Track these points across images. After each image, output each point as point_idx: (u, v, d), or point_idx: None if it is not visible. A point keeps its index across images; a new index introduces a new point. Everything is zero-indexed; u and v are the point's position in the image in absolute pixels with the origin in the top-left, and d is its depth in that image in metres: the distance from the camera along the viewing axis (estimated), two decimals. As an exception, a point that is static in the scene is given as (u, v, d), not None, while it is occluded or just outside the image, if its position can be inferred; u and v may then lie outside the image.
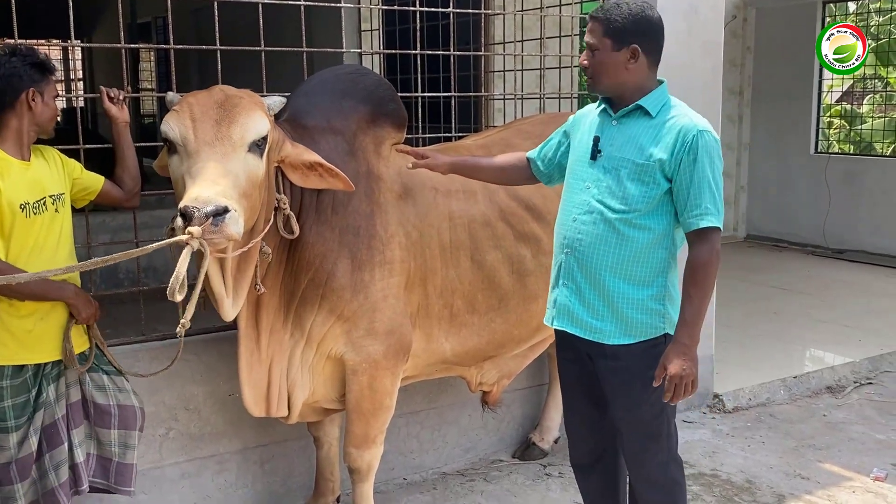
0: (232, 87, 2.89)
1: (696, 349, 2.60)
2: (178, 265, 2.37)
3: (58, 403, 2.90)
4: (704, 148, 2.60)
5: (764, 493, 4.02)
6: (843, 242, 9.29)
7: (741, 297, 7.16)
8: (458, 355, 3.55)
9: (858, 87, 12.93)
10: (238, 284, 2.89)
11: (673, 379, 2.56)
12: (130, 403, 3.04)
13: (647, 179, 2.64)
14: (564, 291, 2.81)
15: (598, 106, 2.84)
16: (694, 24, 4.64)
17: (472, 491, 4.03)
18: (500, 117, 6.75)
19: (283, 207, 2.96)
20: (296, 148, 2.94)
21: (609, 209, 2.67)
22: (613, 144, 2.71)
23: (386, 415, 3.33)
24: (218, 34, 3.55)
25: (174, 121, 2.69)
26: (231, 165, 2.61)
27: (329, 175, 2.96)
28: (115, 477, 3.02)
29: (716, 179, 2.62)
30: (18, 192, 2.75)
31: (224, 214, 2.43)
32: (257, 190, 2.73)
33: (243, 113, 2.70)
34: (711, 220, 2.59)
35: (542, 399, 4.47)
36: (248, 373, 3.09)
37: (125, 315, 3.77)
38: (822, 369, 5.53)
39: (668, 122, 2.66)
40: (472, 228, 3.44)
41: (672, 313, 2.72)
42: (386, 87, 3.36)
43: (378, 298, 3.17)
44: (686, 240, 2.69)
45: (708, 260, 2.61)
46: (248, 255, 2.88)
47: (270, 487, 3.81)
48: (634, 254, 2.67)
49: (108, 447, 3.02)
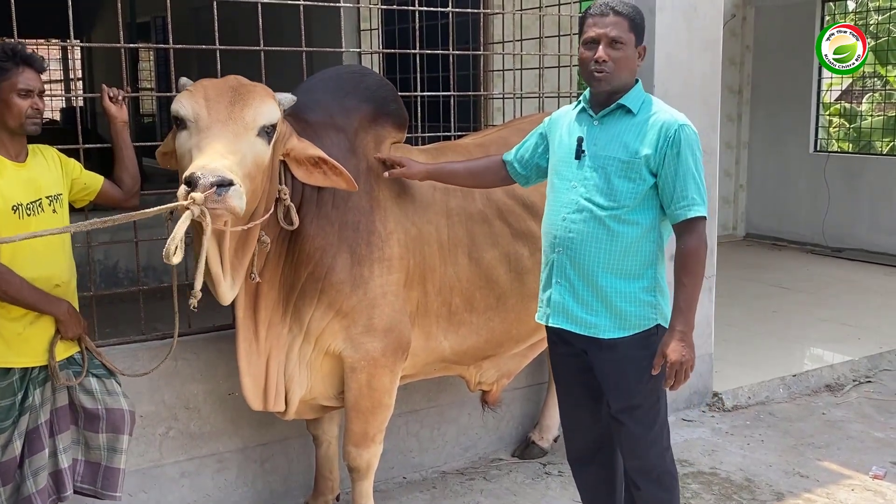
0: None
1: (692, 335, 2.68)
2: (177, 227, 2.41)
3: (42, 408, 2.86)
4: (686, 141, 2.68)
5: (763, 491, 4.02)
6: (843, 241, 9.30)
7: (740, 296, 7.16)
8: (456, 354, 3.55)
9: (857, 85, 12.94)
10: (235, 269, 2.90)
11: (673, 366, 2.64)
12: (119, 406, 2.98)
13: (634, 176, 2.70)
14: (558, 289, 2.85)
15: (576, 107, 2.89)
16: (693, 22, 4.65)
17: (472, 490, 4.03)
18: (500, 116, 6.76)
19: (284, 198, 2.99)
20: (301, 142, 2.98)
21: (598, 206, 2.73)
22: (598, 143, 2.76)
23: (385, 413, 3.33)
24: (217, 34, 3.55)
25: (187, 99, 2.73)
26: (240, 145, 2.66)
27: (333, 173, 2.99)
28: (102, 482, 2.98)
29: (698, 170, 2.71)
30: (12, 193, 2.72)
31: (228, 187, 2.47)
32: (261, 174, 2.77)
33: (257, 98, 2.77)
34: (698, 209, 2.69)
35: (541, 398, 4.48)
36: (248, 364, 3.10)
37: (125, 314, 3.78)
38: (821, 368, 5.53)
39: (650, 119, 2.72)
40: (469, 226, 3.45)
41: (663, 304, 2.80)
42: (388, 88, 3.40)
43: (377, 295, 3.18)
44: (673, 231, 2.76)
45: (697, 248, 2.69)
46: (247, 240, 2.89)
47: (270, 486, 3.81)
48: (624, 248, 2.73)
49: (96, 451, 2.97)
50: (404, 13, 6.23)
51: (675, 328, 2.67)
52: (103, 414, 2.95)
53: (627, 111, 2.75)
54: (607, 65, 2.70)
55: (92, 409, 2.94)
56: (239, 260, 2.90)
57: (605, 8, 2.71)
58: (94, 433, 2.96)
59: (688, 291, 2.68)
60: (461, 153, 3.58)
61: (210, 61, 3.53)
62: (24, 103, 2.73)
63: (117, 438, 2.98)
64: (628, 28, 2.71)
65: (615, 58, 2.70)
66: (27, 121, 2.75)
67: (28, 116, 2.75)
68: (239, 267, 2.91)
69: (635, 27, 2.73)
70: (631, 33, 2.72)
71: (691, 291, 2.68)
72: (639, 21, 2.74)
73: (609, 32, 2.69)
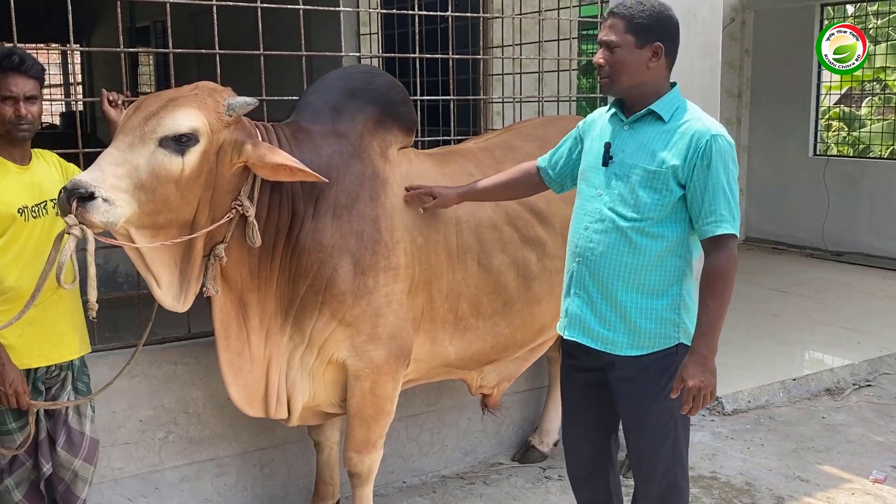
0: (212, 83, 2.90)
1: (713, 359, 2.55)
2: (60, 253, 2.44)
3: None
4: (718, 153, 2.54)
5: (763, 495, 4.02)
6: (842, 245, 9.30)
7: (740, 300, 7.12)
8: (462, 359, 3.54)
9: (857, 89, 12.95)
10: (183, 279, 2.87)
11: (691, 391, 2.50)
12: (95, 436, 3.01)
13: (660, 186, 2.58)
14: (576, 301, 2.76)
15: (609, 110, 2.78)
16: (692, 26, 4.64)
17: (472, 494, 4.03)
18: (499, 120, 6.75)
19: (247, 215, 2.88)
20: (258, 149, 2.82)
21: (621, 217, 2.62)
22: (625, 150, 2.66)
23: (387, 419, 3.32)
24: (217, 38, 3.55)
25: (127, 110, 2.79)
26: (132, 156, 2.63)
27: (298, 170, 2.87)
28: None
29: (731, 185, 2.56)
30: (16, 196, 2.74)
31: (89, 200, 2.48)
32: (171, 186, 2.69)
33: (168, 108, 2.70)
34: (727, 227, 2.54)
35: (541, 402, 4.47)
36: (233, 374, 3.06)
37: (123, 318, 3.78)
38: (821, 371, 5.53)
39: (680, 128, 2.59)
40: (479, 232, 3.42)
41: (687, 322, 2.66)
42: (398, 90, 3.31)
43: (382, 304, 3.15)
44: (701, 247, 2.65)
45: (724, 267, 2.55)
46: (189, 251, 2.85)
47: (270, 491, 3.81)
48: (647, 263, 2.62)
49: (64, 470, 2.94)
50: (404, 17, 6.24)
51: (696, 351, 2.53)
52: (87, 442, 2.97)
53: (658, 118, 2.62)
54: (603, 70, 2.64)
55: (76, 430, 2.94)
56: (182, 272, 2.87)
57: (609, 11, 2.66)
58: (72, 456, 2.94)
59: (712, 314, 2.53)
60: (467, 158, 3.56)
61: (210, 66, 3.53)
62: (6, 109, 2.71)
63: (85, 468, 2.96)
64: (624, 29, 2.59)
65: (610, 61, 2.62)
66: (12, 127, 2.73)
67: (12, 123, 2.72)
68: (186, 278, 2.88)
69: (635, 27, 2.58)
70: (628, 34, 2.58)
71: (716, 314, 2.53)
72: (642, 20, 2.58)
73: (604, 36, 2.63)
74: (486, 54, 6.26)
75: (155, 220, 2.70)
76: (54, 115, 16.84)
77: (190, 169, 2.71)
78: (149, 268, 2.81)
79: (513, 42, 6.00)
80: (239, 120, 2.85)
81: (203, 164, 2.76)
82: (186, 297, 2.91)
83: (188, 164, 2.71)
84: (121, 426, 3.43)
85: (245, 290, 3.03)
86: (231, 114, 2.80)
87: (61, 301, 2.85)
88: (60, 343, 2.88)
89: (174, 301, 2.89)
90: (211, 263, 2.92)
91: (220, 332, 3.02)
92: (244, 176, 2.89)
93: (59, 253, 2.45)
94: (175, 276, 2.87)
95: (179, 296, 2.89)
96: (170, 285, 2.87)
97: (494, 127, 6.82)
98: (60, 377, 2.91)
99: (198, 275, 2.91)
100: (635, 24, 2.60)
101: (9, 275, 2.74)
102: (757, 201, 10.19)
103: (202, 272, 2.93)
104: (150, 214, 2.68)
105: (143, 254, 2.78)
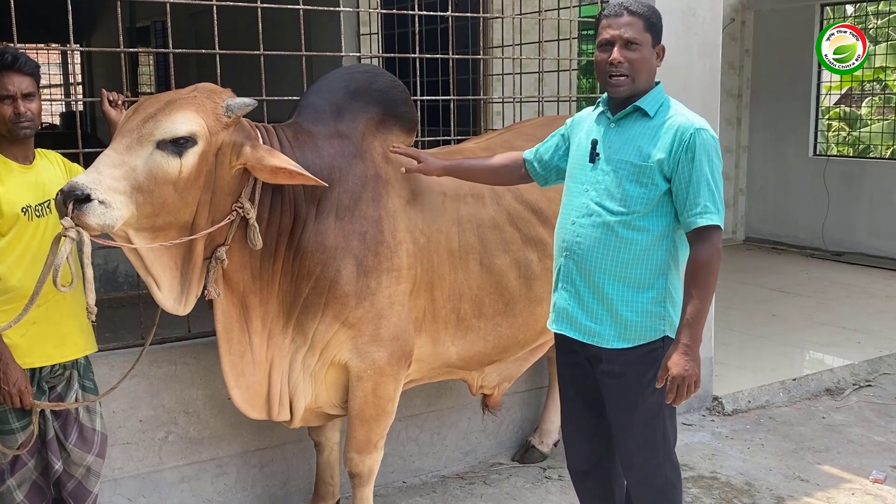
0: (211, 84, 2.89)
1: (698, 349, 2.58)
2: (56, 256, 2.44)
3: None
4: (702, 146, 2.58)
5: (763, 495, 4.02)
6: (842, 245, 9.30)
7: (740, 300, 7.16)
8: (463, 360, 3.54)
9: (857, 89, 12.95)
10: (184, 282, 2.87)
11: (675, 380, 2.54)
12: (105, 431, 3.01)
13: (646, 181, 2.62)
14: (564, 295, 2.80)
15: (596, 108, 2.82)
16: (692, 26, 4.65)
17: (472, 494, 4.03)
18: (499, 120, 6.76)
19: (248, 217, 2.88)
20: (256, 151, 2.80)
21: (608, 211, 2.66)
22: (612, 147, 2.70)
23: (388, 420, 3.32)
24: (217, 38, 3.55)
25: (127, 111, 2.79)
26: (130, 158, 2.63)
27: (297, 174, 2.86)
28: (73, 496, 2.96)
29: (714, 178, 2.60)
30: (20, 196, 2.74)
31: (85, 203, 2.48)
32: (169, 188, 2.68)
33: (166, 111, 2.70)
34: (711, 218, 2.57)
35: (541, 402, 4.47)
36: (237, 377, 3.05)
37: (124, 319, 3.78)
38: (821, 371, 5.53)
39: (665, 123, 2.64)
40: (481, 232, 3.43)
41: (673, 315, 2.70)
42: (400, 90, 3.31)
43: (384, 305, 3.15)
44: (686, 240, 2.68)
45: (708, 259, 2.58)
46: (189, 253, 2.85)
47: (270, 491, 3.81)
48: (634, 256, 2.66)
49: (76, 466, 2.94)
50: (404, 17, 6.24)
51: (680, 341, 2.56)
52: (98, 438, 2.97)
53: (644, 114, 2.67)
54: (623, 67, 2.62)
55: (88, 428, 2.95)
56: (183, 275, 2.87)
57: (620, 8, 2.63)
58: (85, 452, 2.95)
59: (696, 304, 2.55)
60: (469, 157, 3.56)
61: (210, 66, 3.53)
62: (5, 108, 2.71)
63: (98, 462, 2.98)
64: (644, 28, 2.62)
65: (631, 59, 2.61)
66: (13, 126, 2.73)
67: (12, 121, 2.72)
68: (186, 280, 2.87)
69: (651, 27, 2.63)
70: (647, 33, 2.63)
71: (700, 305, 2.55)
72: (655, 20, 2.65)
73: (623, 34, 2.61)
74: (486, 54, 6.26)
75: (153, 222, 2.70)
76: (54, 115, 16.85)
77: (188, 171, 2.71)
78: (149, 270, 2.81)
79: (513, 42, 6.01)
80: (238, 121, 2.85)
81: (201, 166, 2.76)
82: (187, 300, 2.91)
83: (186, 165, 2.70)
84: (121, 426, 3.43)
85: (247, 293, 3.03)
86: (230, 115, 2.79)
87: (65, 300, 2.84)
88: (64, 342, 2.88)
89: (175, 304, 2.89)
90: (212, 266, 2.92)
91: (223, 335, 3.01)
92: (245, 178, 2.89)
93: (55, 256, 2.44)
94: (176, 278, 2.87)
95: (180, 299, 2.89)
96: (171, 288, 2.86)
97: (494, 127, 6.82)
98: (66, 376, 2.91)
99: (199, 278, 2.91)
100: (651, 24, 2.64)
101: (13, 274, 2.74)
102: (757, 201, 10.20)
103: (203, 275, 2.92)
104: (148, 216, 2.67)
105: (143, 256, 2.77)
